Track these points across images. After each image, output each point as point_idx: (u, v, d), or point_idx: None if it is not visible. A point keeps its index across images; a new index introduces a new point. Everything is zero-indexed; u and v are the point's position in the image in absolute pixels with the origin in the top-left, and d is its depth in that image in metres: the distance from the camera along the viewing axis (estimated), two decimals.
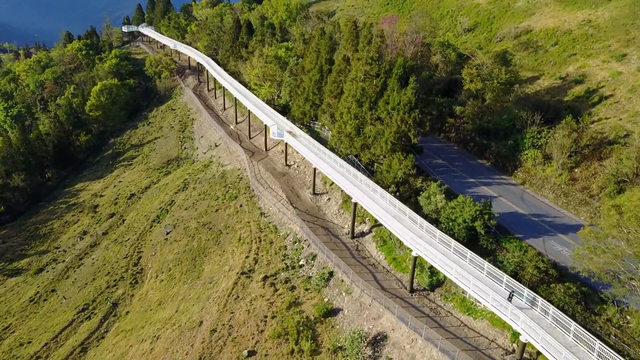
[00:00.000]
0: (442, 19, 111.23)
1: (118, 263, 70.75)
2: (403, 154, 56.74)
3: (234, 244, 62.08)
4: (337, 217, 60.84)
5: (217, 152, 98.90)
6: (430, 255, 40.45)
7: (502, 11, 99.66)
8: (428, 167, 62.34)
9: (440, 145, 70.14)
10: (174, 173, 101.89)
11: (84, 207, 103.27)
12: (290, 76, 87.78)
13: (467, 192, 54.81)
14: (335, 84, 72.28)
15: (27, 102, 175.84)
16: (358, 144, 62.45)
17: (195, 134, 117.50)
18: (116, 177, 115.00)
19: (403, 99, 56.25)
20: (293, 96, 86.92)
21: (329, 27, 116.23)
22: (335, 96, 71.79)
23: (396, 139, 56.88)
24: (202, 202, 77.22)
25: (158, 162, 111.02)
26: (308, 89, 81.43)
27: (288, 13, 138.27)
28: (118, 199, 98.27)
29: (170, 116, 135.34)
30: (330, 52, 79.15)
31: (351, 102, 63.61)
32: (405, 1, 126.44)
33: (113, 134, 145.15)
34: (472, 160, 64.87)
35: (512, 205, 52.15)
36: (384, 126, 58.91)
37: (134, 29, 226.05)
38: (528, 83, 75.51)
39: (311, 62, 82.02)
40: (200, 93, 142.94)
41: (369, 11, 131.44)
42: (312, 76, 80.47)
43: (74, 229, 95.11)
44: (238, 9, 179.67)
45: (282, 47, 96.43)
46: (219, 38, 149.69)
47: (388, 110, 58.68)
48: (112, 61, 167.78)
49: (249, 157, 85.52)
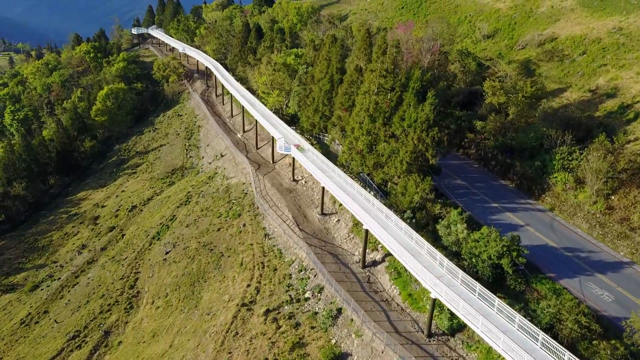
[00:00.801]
0: (459, 25, 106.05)
1: (114, 284, 66.65)
2: (420, 176, 51.90)
3: (236, 269, 57.60)
4: (346, 242, 56.08)
5: (222, 163, 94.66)
6: (451, 300, 35.54)
7: (524, 17, 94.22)
8: (447, 188, 57.41)
9: (459, 162, 65.11)
10: (177, 184, 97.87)
11: (84, 218, 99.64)
12: (300, 85, 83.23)
13: (490, 220, 49.86)
14: (346, 95, 67.56)
15: (34, 106, 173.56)
16: (370, 162, 57.68)
17: (201, 142, 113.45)
18: (119, 186, 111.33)
19: (420, 115, 51.39)
20: (302, 106, 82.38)
21: (341, 32, 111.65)
22: (346, 109, 67.08)
23: (412, 159, 52.04)
24: (204, 218, 72.92)
25: (162, 172, 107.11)
26: (318, 100, 76.86)
27: (299, 17, 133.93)
28: (119, 211, 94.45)
29: (177, 122, 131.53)
30: (341, 61, 74.47)
31: (363, 117, 58.87)
32: (421, 5, 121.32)
33: (119, 139, 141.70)
34: (494, 180, 59.75)
35: (541, 236, 47.02)
36: (398, 144, 54.11)
37: (143, 31, 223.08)
38: (553, 96, 70.26)
39: (321, 71, 77.42)
40: (208, 98, 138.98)
41: (382, 15, 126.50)
42: (322, 86, 75.86)
43: (73, 241, 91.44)
44: (248, 12, 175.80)
45: (291, 54, 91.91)
46: (227, 42, 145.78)
47: (404, 127, 53.85)
48: (119, 64, 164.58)
49: (254, 170, 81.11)
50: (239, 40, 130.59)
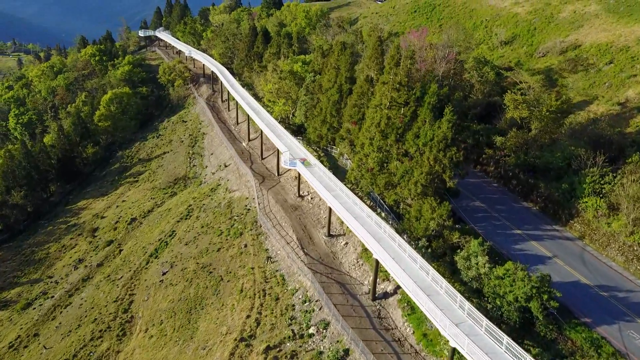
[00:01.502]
0: (475, 30, 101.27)
1: (107, 307, 62.75)
2: (436, 199, 47.39)
3: (235, 296, 53.42)
4: (355, 269, 51.68)
5: (226, 174, 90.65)
6: (473, 354, 31.02)
7: (544, 22, 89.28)
8: (464, 211, 52.83)
9: (477, 181, 60.46)
10: (179, 195, 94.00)
11: (83, 229, 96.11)
12: (307, 94, 78.95)
13: (514, 250, 45.31)
14: (355, 108, 63.19)
15: (39, 110, 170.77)
16: (382, 182, 53.24)
17: (205, 151, 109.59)
18: (120, 195, 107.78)
19: (437, 134, 46.89)
20: (309, 117, 78.13)
21: (351, 37, 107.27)
22: (356, 122, 62.73)
23: (428, 181, 47.54)
24: (204, 236, 68.88)
25: (164, 181, 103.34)
26: (325, 110, 72.57)
27: (307, 20, 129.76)
28: (118, 223, 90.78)
29: (181, 129, 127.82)
30: (351, 70, 70.06)
31: (374, 133, 54.45)
32: (434, 9, 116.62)
33: (122, 145, 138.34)
34: (516, 202, 55.04)
35: (571, 270, 42.32)
36: (412, 163, 49.65)
37: (150, 33, 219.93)
38: (578, 109, 65.41)
39: (329, 80, 73.12)
40: (214, 104, 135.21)
41: (394, 19, 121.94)
42: (330, 96, 71.56)
43: (70, 255, 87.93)
44: (255, 14, 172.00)
45: (298, 61, 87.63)
46: (234, 46, 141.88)
47: (418, 145, 49.40)
48: (124, 68, 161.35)
49: (258, 183, 76.98)
50: (246, 44, 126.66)
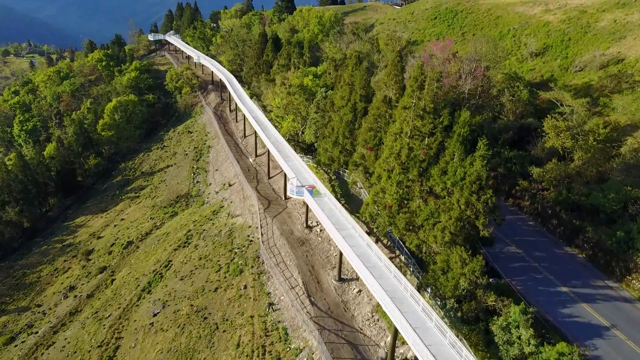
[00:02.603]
0: (501, 39, 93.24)
1: (90, 354, 56.15)
2: (467, 249, 39.93)
3: (230, 352, 46.44)
4: (369, 326, 44.36)
5: (229, 194, 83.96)
6: None
7: (579, 32, 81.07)
8: (497, 260, 45.22)
9: (510, 218, 52.57)
10: (180, 216, 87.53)
11: (78, 250, 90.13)
12: (317, 112, 71.83)
13: (561, 317, 37.63)
14: (372, 132, 55.88)
15: (44, 116, 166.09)
16: (401, 223, 45.81)
17: (210, 165, 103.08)
18: (119, 212, 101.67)
19: (470, 172, 39.42)
20: (319, 137, 70.98)
21: (366, 45, 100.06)
22: (372, 148, 55.42)
23: (458, 229, 40.09)
24: (201, 270, 62.08)
25: (166, 198, 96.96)
26: (337, 131, 65.39)
27: (320, 27, 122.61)
28: (114, 246, 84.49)
29: (186, 140, 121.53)
30: (366, 87, 62.71)
31: (393, 164, 47.13)
32: (456, 16, 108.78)
33: (126, 156, 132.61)
34: (557, 247, 47.27)
35: (637, 348, 34.51)
36: (439, 204, 42.23)
37: (160, 37, 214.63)
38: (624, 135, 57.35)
39: (342, 98, 65.95)
40: (222, 114, 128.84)
41: (413, 26, 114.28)
42: (343, 115, 64.39)
43: (62, 280, 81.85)
44: (267, 19, 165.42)
45: (309, 74, 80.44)
46: (243, 52, 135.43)
47: (446, 183, 41.97)
48: (131, 74, 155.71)
49: (263, 209, 70.09)
50: (255, 51, 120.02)
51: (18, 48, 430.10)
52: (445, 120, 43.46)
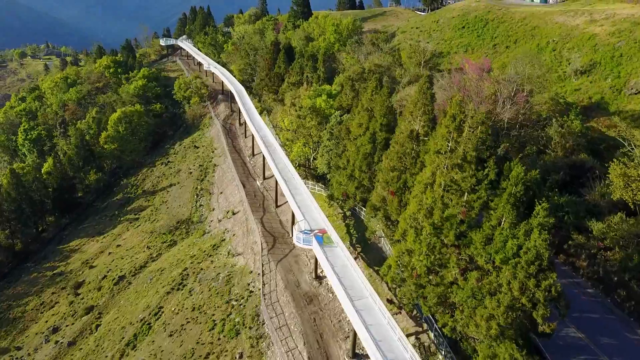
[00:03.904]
0: (539, 52, 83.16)
1: None
2: (519, 348, 30.58)
3: None
4: None
5: (232, 225, 75.57)
6: None
7: (633, 47, 70.68)
8: (554, 349, 35.57)
9: (563, 282, 42.80)
10: (179, 246, 79.53)
11: (68, 281, 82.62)
12: (331, 139, 62.78)
13: None
14: (395, 172, 46.65)
15: (49, 125, 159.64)
16: (432, 297, 36.50)
17: (214, 187, 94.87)
18: (117, 236, 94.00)
19: (526, 248, 30.06)
20: (333, 167, 61.96)
21: (387, 58, 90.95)
22: (395, 192, 46.22)
23: (509, 321, 30.71)
24: (193, 326, 53.58)
25: (165, 224, 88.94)
26: (353, 163, 56.37)
27: (337, 35, 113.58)
28: (105, 280, 76.71)
29: (192, 156, 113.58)
30: (388, 115, 53.46)
31: (422, 222, 37.89)
32: (486, 25, 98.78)
33: (128, 171, 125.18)
34: (630, 331, 37.44)
35: None
36: (485, 281, 32.88)
37: (172, 42, 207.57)
38: None
39: (360, 125, 56.91)
40: (230, 127, 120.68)
41: (438, 36, 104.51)
42: (361, 146, 55.34)
43: (47, 317, 74.29)
44: (281, 25, 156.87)
45: (322, 93, 71.34)
46: (255, 62, 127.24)
47: (492, 255, 32.61)
48: (138, 82, 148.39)
49: (267, 249, 61.43)
50: (267, 62, 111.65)
51: (36, 49, 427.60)
52: (491, 174, 34.07)
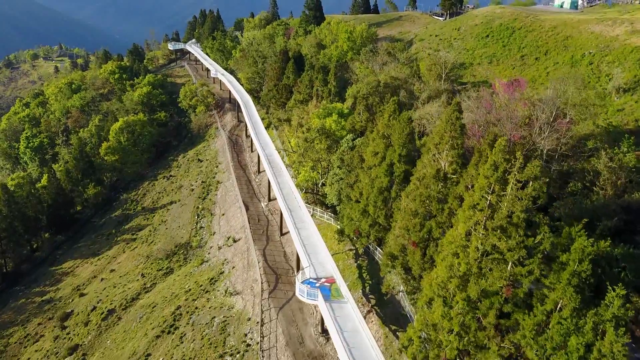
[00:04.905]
0: (574, 66, 75.14)
1: None
2: None
3: None
4: None
5: (232, 255, 68.76)
6: None
7: None
8: None
9: None
10: (175, 275, 72.90)
11: (56, 310, 76.43)
12: (341, 167, 55.45)
13: None
14: (417, 218, 39.15)
15: (52, 132, 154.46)
16: None
17: (216, 207, 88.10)
18: (111, 259, 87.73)
19: (600, 355, 22.53)
20: (343, 199, 54.62)
21: (405, 70, 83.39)
22: (417, 243, 38.79)
23: None
24: None
25: (162, 248, 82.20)
26: (368, 197, 49.04)
27: (350, 43, 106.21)
28: (94, 313, 70.27)
29: (195, 171, 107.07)
30: (408, 144, 46.02)
31: (454, 292, 30.48)
32: (513, 34, 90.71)
33: (129, 184, 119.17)
34: None
35: None
36: None
37: (179, 46, 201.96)
38: None
39: (375, 153, 49.56)
40: (237, 139, 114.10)
41: (459, 45, 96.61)
42: (376, 178, 48.03)
43: (30, 354, 68.07)
44: (292, 30, 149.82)
45: (333, 112, 63.91)
46: (263, 70, 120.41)
47: (547, 352, 25.11)
48: (142, 90, 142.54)
49: (268, 290, 54.43)
50: (275, 71, 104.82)
51: (49, 51, 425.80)
52: (546, 244, 26.56)
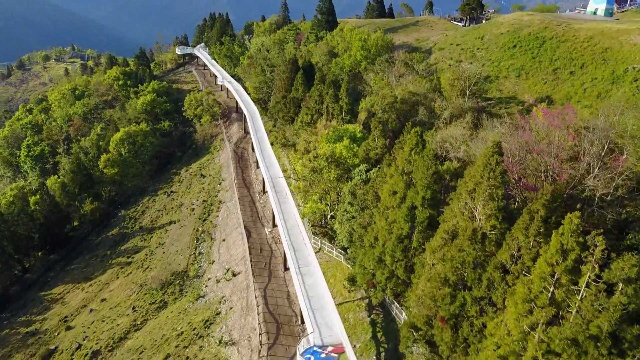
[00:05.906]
0: (615, 82, 67.00)
1: None
2: None
3: None
4: None
5: (230, 293, 61.80)
6: None
7: None
8: None
9: None
10: (167, 311, 66.09)
11: (40, 345, 70.05)
12: (353, 204, 47.92)
13: None
14: (447, 288, 31.58)
15: (53, 140, 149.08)
16: None
17: (217, 230, 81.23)
18: (104, 286, 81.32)
19: None
20: (355, 242, 47.18)
21: (424, 84, 75.80)
22: (446, 320, 31.25)
23: None
24: None
25: (157, 276, 75.41)
26: (384, 244, 41.57)
27: (364, 52, 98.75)
28: (78, 353, 63.75)
29: (197, 188, 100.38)
30: (433, 185, 38.47)
31: None
32: (543, 45, 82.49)
33: (129, 199, 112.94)
34: None
35: None
36: None
37: (187, 50, 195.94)
38: None
39: (394, 193, 42.06)
40: (242, 153, 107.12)
41: (483, 57, 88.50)
42: (394, 223, 40.58)
43: None
44: (303, 35, 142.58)
45: (343, 136, 56.35)
46: (272, 79, 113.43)
47: None
48: (146, 97, 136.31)
49: (267, 346, 47.24)
50: (284, 82, 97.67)
51: (62, 52, 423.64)
52: None
